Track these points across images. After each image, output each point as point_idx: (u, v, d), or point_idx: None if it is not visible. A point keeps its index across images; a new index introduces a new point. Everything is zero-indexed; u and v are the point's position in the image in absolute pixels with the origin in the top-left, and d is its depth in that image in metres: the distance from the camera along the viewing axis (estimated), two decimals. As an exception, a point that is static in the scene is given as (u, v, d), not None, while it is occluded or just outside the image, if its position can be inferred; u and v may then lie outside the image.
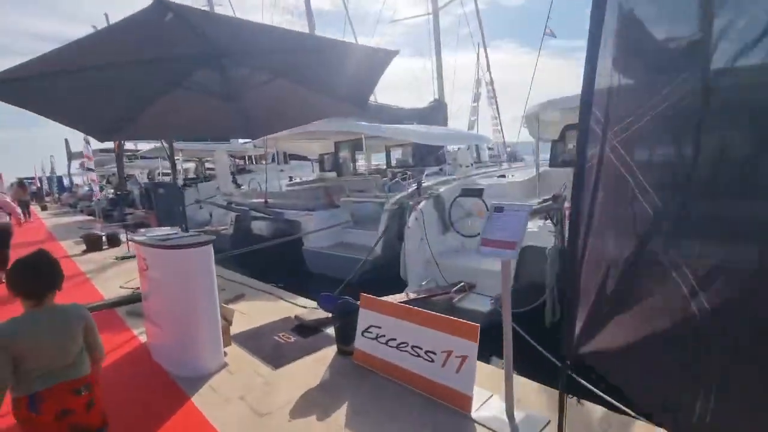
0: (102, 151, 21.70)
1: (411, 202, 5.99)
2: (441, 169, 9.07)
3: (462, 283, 4.99)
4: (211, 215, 11.89)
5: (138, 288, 3.83)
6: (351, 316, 3.18)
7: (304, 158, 18.73)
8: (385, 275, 5.99)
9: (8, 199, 6.26)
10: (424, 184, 6.78)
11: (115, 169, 23.19)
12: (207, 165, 20.88)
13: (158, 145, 16.69)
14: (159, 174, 20.70)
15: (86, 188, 22.34)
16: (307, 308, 4.38)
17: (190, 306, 3.04)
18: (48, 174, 37.10)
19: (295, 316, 4.08)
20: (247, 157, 18.54)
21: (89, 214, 18.76)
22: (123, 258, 7.17)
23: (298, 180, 13.30)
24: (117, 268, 6.59)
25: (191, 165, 23.12)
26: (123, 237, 9.05)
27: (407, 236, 5.62)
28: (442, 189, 6.30)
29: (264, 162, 19.35)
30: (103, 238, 8.40)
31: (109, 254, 7.83)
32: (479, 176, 8.64)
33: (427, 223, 5.74)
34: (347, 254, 6.86)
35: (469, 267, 5.20)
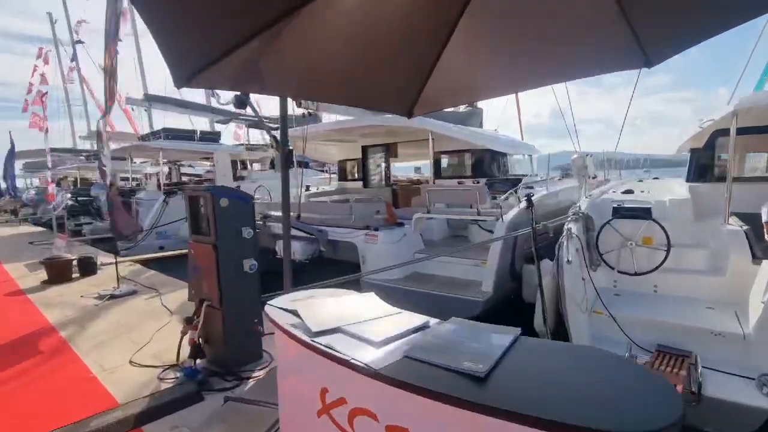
0: (54, 150, 18.52)
1: (569, 226, 4.31)
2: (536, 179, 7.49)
3: (676, 351, 3.33)
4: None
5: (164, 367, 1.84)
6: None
7: (307, 165, 16.71)
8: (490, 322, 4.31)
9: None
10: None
11: (74, 172, 19.94)
12: (183, 170, 18.28)
13: (127, 144, 14.11)
14: (117, 178, 17.85)
15: (32, 192, 18.89)
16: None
17: None
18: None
19: None
20: (239, 162, 16.25)
21: (37, 224, 15.58)
22: (111, 297, 4.92)
23: (315, 189, 11.26)
24: (108, 319, 4.37)
25: (163, 170, 20.33)
26: (99, 260, 6.71)
27: (566, 274, 3.92)
28: (582, 207, 4.68)
29: (255, 166, 17.15)
30: (74, 263, 6.03)
31: (84, 288, 5.51)
32: (564, 190, 7.14)
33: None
34: (434, 291, 5.04)
35: (667, 323, 3.56)
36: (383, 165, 10.17)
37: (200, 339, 2.90)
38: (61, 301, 4.90)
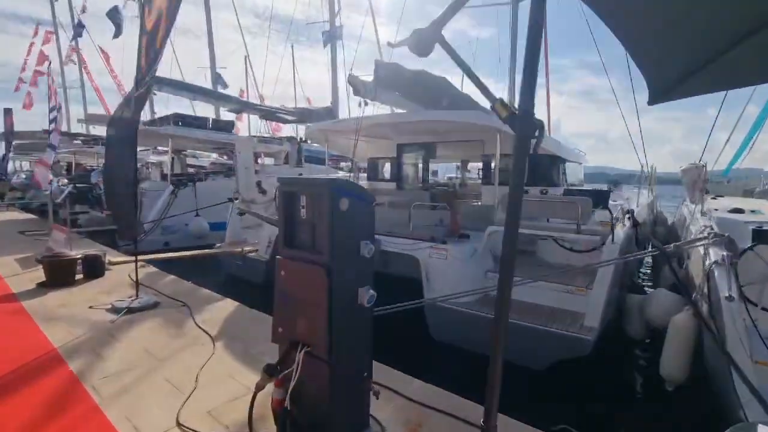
0: (46, 132, 17.27)
1: (711, 251, 3.47)
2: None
3: None
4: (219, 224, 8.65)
5: None
6: None
7: (322, 161, 15.70)
8: (585, 361, 3.67)
9: None
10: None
11: (69, 156, 18.67)
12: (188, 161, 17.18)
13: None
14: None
15: (23, 176, 17.59)
16: None
17: None
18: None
19: None
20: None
21: (25, 210, 14.34)
22: (128, 311, 3.92)
23: None
24: (130, 344, 3.38)
25: (165, 159, 19.18)
26: (108, 258, 5.68)
27: (727, 312, 3.07)
28: (712, 226, 3.85)
29: (266, 161, 16.06)
30: (78, 263, 5.01)
31: (92, 296, 4.50)
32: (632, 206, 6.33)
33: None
34: (526, 323, 4.14)
35: None
36: (421, 166, 9.30)
37: (289, 400, 1.97)
38: (66, 313, 3.88)
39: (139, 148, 14.78)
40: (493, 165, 8.05)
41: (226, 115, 15.96)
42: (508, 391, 3.88)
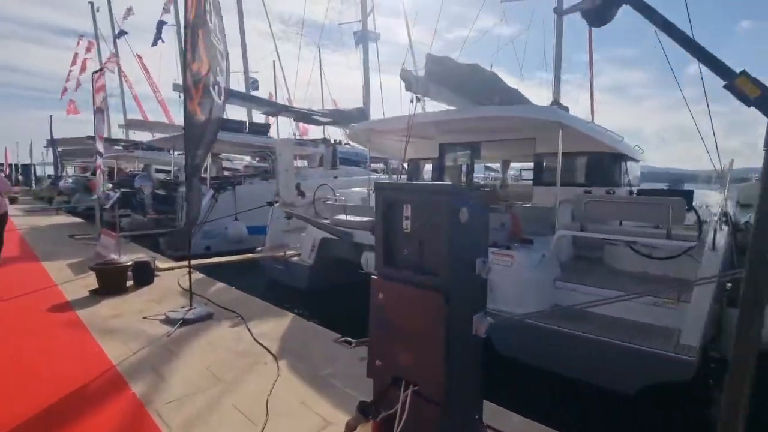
0: (90, 138, 17.89)
1: None
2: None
3: None
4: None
5: None
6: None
7: (357, 163, 15.50)
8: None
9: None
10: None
11: (111, 161, 19.35)
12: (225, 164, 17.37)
13: (172, 134, 13.16)
14: (152, 169, 17.05)
15: (69, 180, 18.29)
16: None
17: None
18: (23, 161, 32.56)
19: None
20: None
21: (72, 213, 14.84)
22: (183, 323, 3.74)
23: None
24: (190, 362, 3.19)
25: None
26: (155, 264, 5.60)
27: None
28: None
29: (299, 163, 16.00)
30: (129, 270, 4.92)
31: (143, 305, 4.38)
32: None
33: None
34: (613, 340, 3.67)
35: None
36: (465, 167, 8.87)
37: (390, 446, 1.66)
38: (120, 325, 3.74)
39: (176, 153, 15.12)
40: (545, 164, 7.55)
41: (257, 117, 16.07)
42: (591, 420, 3.45)
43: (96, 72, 8.02)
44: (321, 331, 3.72)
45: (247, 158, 18.85)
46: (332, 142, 13.96)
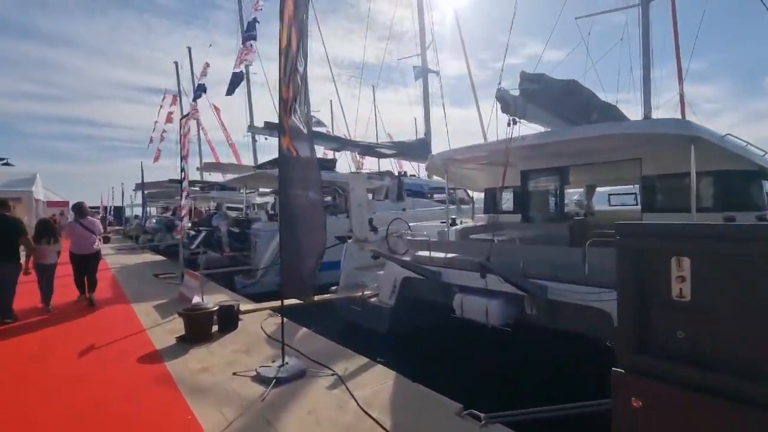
0: (172, 181, 19.32)
1: None
2: None
3: None
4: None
5: None
6: None
7: (423, 194, 15.12)
8: None
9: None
10: None
11: (188, 202, 20.78)
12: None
13: (249, 173, 13.73)
14: (224, 207, 17.87)
15: (153, 221, 19.76)
16: None
17: None
18: (116, 203, 36.25)
19: None
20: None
21: (155, 252, 15.77)
22: (277, 383, 3.31)
23: (467, 224, 9.37)
24: None
25: (268, 200, 20.23)
26: (238, 307, 5.36)
27: None
28: None
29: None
30: (214, 315, 4.70)
31: (231, 356, 4.06)
32: None
33: None
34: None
35: None
36: (552, 195, 8.02)
37: None
38: (210, 382, 3.40)
39: (245, 191, 15.74)
40: (658, 186, 6.49)
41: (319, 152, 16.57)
42: None
43: (183, 117, 8.46)
44: (433, 397, 3.11)
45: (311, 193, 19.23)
46: (398, 173, 13.70)
